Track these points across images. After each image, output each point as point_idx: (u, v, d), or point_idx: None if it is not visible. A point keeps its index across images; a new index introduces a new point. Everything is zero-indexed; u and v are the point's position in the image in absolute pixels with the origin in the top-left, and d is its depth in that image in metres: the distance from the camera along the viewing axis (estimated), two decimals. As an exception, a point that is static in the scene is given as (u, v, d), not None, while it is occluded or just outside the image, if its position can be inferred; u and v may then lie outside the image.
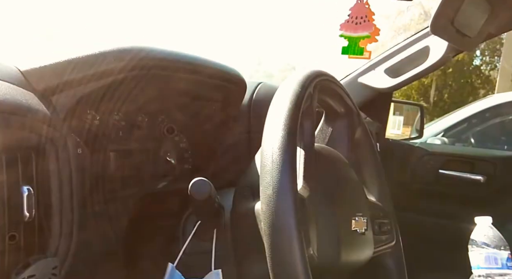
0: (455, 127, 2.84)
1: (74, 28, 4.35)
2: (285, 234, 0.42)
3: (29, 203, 0.43)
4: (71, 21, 4.53)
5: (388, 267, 0.70)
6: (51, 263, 0.44)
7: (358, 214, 0.59)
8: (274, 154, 0.46)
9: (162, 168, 0.82)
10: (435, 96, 10.66)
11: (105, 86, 0.54)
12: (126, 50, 0.55)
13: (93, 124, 0.65)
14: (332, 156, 0.63)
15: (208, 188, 0.51)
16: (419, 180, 1.46)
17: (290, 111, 0.49)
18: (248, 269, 0.57)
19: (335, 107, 0.68)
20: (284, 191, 0.44)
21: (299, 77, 0.54)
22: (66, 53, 0.51)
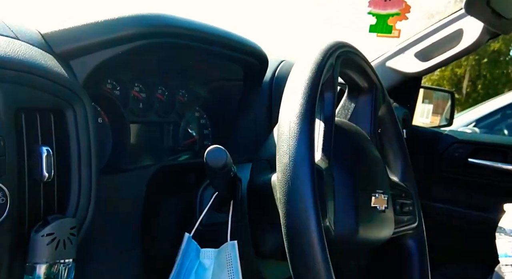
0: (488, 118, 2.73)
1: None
2: (301, 202, 0.41)
3: (48, 163, 0.44)
4: (93, -17, 4.55)
5: (409, 249, 0.67)
6: (70, 223, 0.45)
7: (379, 191, 0.57)
8: (292, 122, 0.45)
9: (182, 143, 0.82)
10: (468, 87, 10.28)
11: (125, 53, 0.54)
12: (149, 16, 0.55)
13: (113, 94, 0.66)
14: (353, 130, 0.61)
15: (224, 155, 0.51)
16: (447, 169, 1.42)
17: (310, 79, 0.48)
18: (263, 240, 0.57)
19: (358, 82, 0.66)
20: (301, 159, 0.42)
21: (321, 47, 0.52)
22: (87, 16, 0.51)
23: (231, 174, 0.54)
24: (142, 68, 0.70)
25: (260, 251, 0.58)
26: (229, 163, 0.52)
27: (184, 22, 0.59)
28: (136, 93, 0.71)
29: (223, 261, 0.54)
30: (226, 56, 0.72)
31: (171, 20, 0.57)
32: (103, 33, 0.51)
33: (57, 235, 0.43)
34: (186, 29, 0.60)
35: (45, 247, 0.42)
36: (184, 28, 0.59)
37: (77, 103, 0.48)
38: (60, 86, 0.46)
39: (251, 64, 0.80)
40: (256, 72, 0.83)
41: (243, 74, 0.83)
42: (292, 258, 0.41)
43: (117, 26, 0.52)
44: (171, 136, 0.80)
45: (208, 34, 0.64)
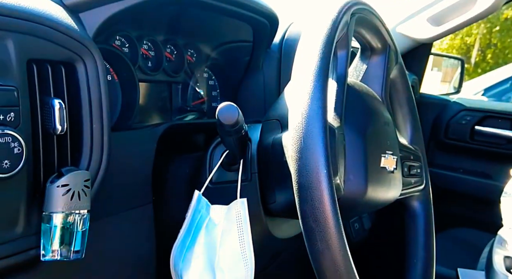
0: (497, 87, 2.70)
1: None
2: (313, 159, 0.41)
3: (61, 116, 0.44)
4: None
5: (415, 210, 0.68)
6: (84, 175, 0.45)
7: (388, 152, 0.57)
8: (305, 79, 0.44)
9: (190, 103, 0.82)
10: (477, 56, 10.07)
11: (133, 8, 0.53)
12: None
13: (122, 51, 0.65)
14: (364, 91, 0.60)
15: (236, 113, 0.50)
16: (452, 136, 1.42)
17: (325, 36, 0.46)
18: (272, 198, 0.58)
19: (371, 42, 0.64)
20: (313, 117, 0.42)
21: (336, 3, 0.51)
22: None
23: (242, 132, 0.54)
24: (151, 26, 0.68)
25: (269, 209, 0.59)
26: (241, 121, 0.52)
27: None
28: (145, 51, 0.70)
29: (232, 218, 0.55)
30: (235, 14, 0.70)
31: None
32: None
33: (71, 187, 0.44)
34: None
35: (61, 198, 0.43)
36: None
37: (87, 57, 0.47)
38: (71, 39, 0.45)
39: (261, 24, 0.78)
40: (266, 33, 0.81)
41: (252, 34, 0.81)
42: (303, 214, 0.42)
43: None
44: (179, 96, 0.80)
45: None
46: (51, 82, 0.44)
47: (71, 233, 0.44)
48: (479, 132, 1.36)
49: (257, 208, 0.59)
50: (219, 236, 0.55)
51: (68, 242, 0.44)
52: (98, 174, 0.49)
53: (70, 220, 0.44)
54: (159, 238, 0.64)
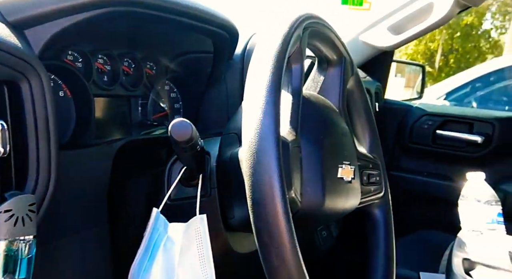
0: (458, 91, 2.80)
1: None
2: (266, 174, 0.41)
3: (3, 138, 0.42)
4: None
5: (375, 218, 0.69)
6: (28, 199, 0.43)
7: (346, 162, 0.58)
8: (257, 94, 0.44)
9: (151, 117, 0.80)
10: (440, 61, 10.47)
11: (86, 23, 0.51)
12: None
13: (74, 67, 0.63)
14: (321, 103, 0.61)
15: (189, 129, 0.50)
16: (416, 141, 1.46)
17: (276, 51, 0.47)
18: (232, 213, 0.57)
19: (327, 54, 0.65)
20: (265, 132, 0.42)
21: (288, 18, 0.51)
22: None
23: (198, 148, 0.54)
24: (105, 39, 0.67)
25: (229, 224, 0.58)
26: (195, 137, 0.51)
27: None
28: (100, 65, 0.68)
29: (192, 235, 0.54)
30: (194, 27, 0.69)
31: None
32: (59, 1, 0.48)
33: (15, 212, 0.42)
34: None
35: (3, 224, 0.41)
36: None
37: (32, 75, 0.45)
38: (14, 57, 0.43)
39: (221, 37, 0.78)
40: (227, 45, 0.81)
41: (212, 47, 0.81)
42: (257, 229, 0.42)
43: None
44: (139, 110, 0.78)
45: (174, 4, 0.62)
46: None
47: (15, 260, 0.42)
48: (440, 136, 1.40)
49: (217, 224, 0.58)
50: (177, 254, 0.54)
51: (12, 270, 0.42)
52: (46, 197, 0.47)
53: (14, 247, 0.42)
54: (116, 259, 0.62)
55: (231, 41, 0.82)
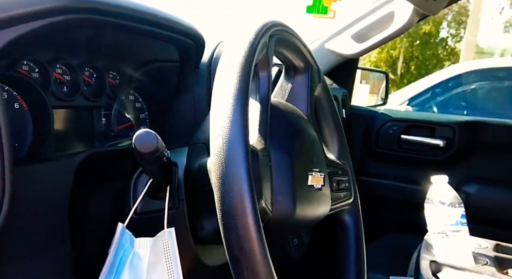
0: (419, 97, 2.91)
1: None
2: (235, 185, 0.40)
3: None
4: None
5: (346, 223, 0.70)
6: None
7: (315, 169, 0.58)
8: (224, 102, 0.43)
9: (115, 128, 0.77)
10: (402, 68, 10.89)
11: (41, 31, 0.49)
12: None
13: (31, 77, 0.60)
14: (289, 110, 0.61)
15: (155, 140, 0.48)
16: (382, 146, 1.49)
17: (243, 59, 0.46)
18: (201, 225, 0.55)
19: (294, 62, 0.65)
20: (234, 141, 0.41)
21: (253, 26, 0.51)
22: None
23: (164, 159, 0.52)
24: (64, 48, 0.64)
25: (198, 236, 0.57)
26: (161, 147, 0.49)
27: None
28: (58, 75, 0.65)
29: (159, 250, 0.52)
30: (158, 35, 0.68)
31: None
32: (12, 8, 0.46)
33: (-35, 234, 0.39)
34: (109, 4, 0.55)
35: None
36: (107, 3, 0.55)
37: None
38: None
39: (187, 45, 0.76)
40: (192, 53, 0.80)
41: (178, 56, 0.79)
42: (228, 242, 0.41)
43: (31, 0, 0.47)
44: (103, 121, 0.75)
45: (135, 11, 0.60)
46: None
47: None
48: (405, 141, 1.44)
49: (186, 237, 0.56)
50: (145, 271, 0.51)
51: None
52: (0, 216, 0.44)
53: (-37, 273, 0.38)
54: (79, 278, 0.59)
55: (197, 50, 0.80)
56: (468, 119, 1.40)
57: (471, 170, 1.37)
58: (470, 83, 2.90)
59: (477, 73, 2.87)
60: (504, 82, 2.91)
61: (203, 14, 11.06)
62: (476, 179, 1.36)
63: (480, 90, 2.93)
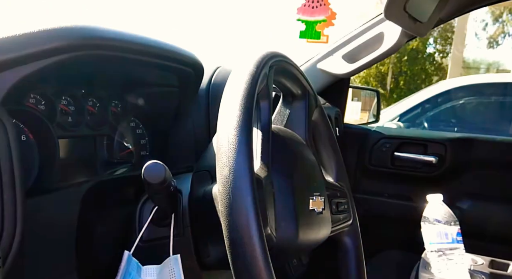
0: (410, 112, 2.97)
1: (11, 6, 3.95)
2: (242, 213, 0.42)
3: None
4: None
5: (346, 245, 0.71)
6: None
7: (316, 193, 0.60)
8: (230, 134, 0.45)
9: (117, 155, 0.79)
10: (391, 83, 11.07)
11: (48, 67, 0.51)
12: (70, 28, 0.52)
13: (37, 110, 0.61)
14: (289, 137, 0.63)
15: (163, 171, 0.50)
16: (375, 163, 1.51)
17: (246, 91, 0.48)
18: (207, 251, 0.57)
19: (292, 89, 0.68)
20: (240, 171, 0.43)
21: (254, 58, 0.54)
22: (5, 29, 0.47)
23: (171, 189, 0.53)
24: (68, 81, 0.66)
25: (204, 263, 0.58)
26: (169, 178, 0.51)
27: (111, 33, 0.57)
28: (63, 107, 0.67)
29: (166, 277, 0.53)
30: (158, 65, 0.70)
31: (96, 32, 0.55)
32: (23, 48, 0.48)
33: (-20, 269, 0.39)
34: (113, 40, 0.57)
35: (-33, 284, 0.38)
36: (111, 39, 0.57)
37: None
38: None
39: (186, 73, 0.79)
40: (191, 80, 0.82)
41: (178, 82, 0.81)
42: (236, 270, 0.42)
43: (38, 40, 0.49)
44: (105, 149, 0.77)
45: (138, 44, 0.62)
46: None
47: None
48: (398, 158, 1.47)
49: (192, 263, 0.57)
50: (152, 299, 0.52)
51: None
52: (12, 250, 0.45)
53: (-21, 308, 0.39)
54: None
55: (196, 77, 0.83)
56: (459, 136, 1.44)
57: (464, 186, 1.40)
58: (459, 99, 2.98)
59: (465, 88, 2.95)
60: (491, 97, 2.99)
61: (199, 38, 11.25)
62: (469, 195, 1.38)
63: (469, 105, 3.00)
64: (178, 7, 16.27)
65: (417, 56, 11.10)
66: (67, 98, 0.67)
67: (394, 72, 11.09)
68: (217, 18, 13.61)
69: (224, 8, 14.16)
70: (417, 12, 1.16)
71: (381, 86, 10.77)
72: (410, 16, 1.15)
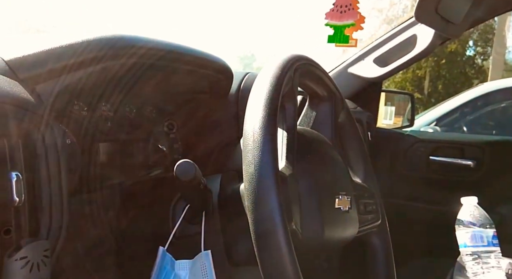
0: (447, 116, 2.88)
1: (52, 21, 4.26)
2: (267, 207, 0.44)
3: (18, 188, 0.44)
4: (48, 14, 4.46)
5: (374, 246, 0.71)
6: (43, 245, 0.45)
7: (342, 193, 0.61)
8: (255, 133, 0.47)
9: (152, 158, 0.83)
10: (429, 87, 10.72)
11: (90, 75, 0.56)
12: (110, 38, 0.56)
13: (80, 115, 0.66)
14: (314, 137, 0.64)
15: (193, 168, 0.53)
16: (410, 167, 1.49)
17: (271, 93, 0.51)
18: (236, 248, 0.59)
19: (317, 91, 0.69)
20: (265, 168, 0.45)
21: (279, 61, 0.56)
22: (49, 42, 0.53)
23: (201, 186, 0.56)
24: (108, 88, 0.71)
25: (233, 258, 0.60)
26: (198, 176, 0.54)
27: (147, 42, 0.61)
28: (103, 112, 0.72)
29: (198, 271, 0.56)
30: (192, 72, 0.74)
31: (133, 41, 0.59)
32: (68, 57, 0.53)
33: (30, 258, 0.44)
34: (149, 48, 0.61)
35: (19, 271, 0.43)
36: (148, 48, 0.61)
37: (44, 126, 0.49)
38: (27, 111, 0.47)
39: (217, 79, 0.82)
40: (222, 86, 0.86)
41: (208, 88, 0.85)
42: (262, 262, 0.44)
43: (81, 50, 0.53)
44: (141, 152, 0.81)
45: (173, 52, 0.66)
46: (8, 155, 0.45)
47: (30, 306, 0.43)
48: (434, 162, 1.43)
49: (222, 259, 0.60)
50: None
51: (28, 315, 0.43)
52: (59, 242, 0.49)
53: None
54: None
55: (226, 82, 0.86)
56: (497, 139, 1.39)
57: (503, 190, 1.34)
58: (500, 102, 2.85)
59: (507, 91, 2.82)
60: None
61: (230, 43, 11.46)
62: (509, 199, 1.33)
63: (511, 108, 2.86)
64: (180, 5, 16.59)
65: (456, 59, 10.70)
66: (106, 104, 0.72)
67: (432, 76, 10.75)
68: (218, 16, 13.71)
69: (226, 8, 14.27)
70: (450, 13, 1.14)
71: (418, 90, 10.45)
72: (443, 17, 1.13)
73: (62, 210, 0.49)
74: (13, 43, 0.55)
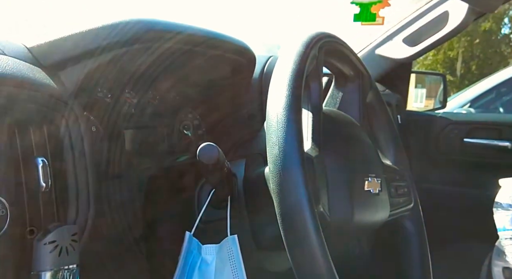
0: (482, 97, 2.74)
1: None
2: (293, 190, 0.42)
3: (45, 173, 0.45)
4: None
5: (407, 229, 0.69)
6: (71, 230, 0.46)
7: (371, 175, 0.58)
8: (279, 114, 0.46)
9: (178, 145, 0.83)
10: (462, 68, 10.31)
11: (113, 61, 0.55)
12: (131, 22, 0.55)
13: (104, 102, 0.67)
14: (341, 118, 0.62)
15: (216, 152, 0.52)
16: (443, 151, 1.43)
17: (294, 71, 0.49)
18: (262, 232, 0.58)
19: (344, 70, 0.67)
20: (290, 149, 0.43)
21: (303, 38, 0.54)
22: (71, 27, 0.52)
23: (225, 170, 0.55)
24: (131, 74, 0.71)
25: (260, 243, 0.59)
26: (222, 159, 0.53)
27: (166, 25, 0.60)
28: (128, 99, 0.72)
29: (225, 256, 0.55)
30: (213, 56, 0.73)
31: (152, 25, 0.58)
32: (88, 44, 0.52)
33: (59, 243, 0.44)
34: (170, 32, 0.60)
35: (48, 255, 0.43)
36: (168, 31, 0.60)
37: (69, 113, 0.49)
38: (51, 98, 0.47)
39: (239, 62, 0.81)
40: (244, 70, 0.84)
41: (231, 73, 0.84)
42: (289, 245, 0.43)
43: (101, 36, 0.53)
44: (165, 138, 0.81)
45: (193, 36, 0.65)
46: (33, 141, 0.46)
47: (60, 289, 0.44)
48: (468, 144, 1.37)
49: (249, 243, 0.59)
50: (212, 276, 0.55)
51: (58, 298, 0.44)
52: (86, 227, 0.49)
53: (59, 276, 0.44)
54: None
55: (248, 66, 0.84)
56: None
57: None
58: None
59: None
60: None
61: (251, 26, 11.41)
62: None
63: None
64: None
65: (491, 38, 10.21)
66: (130, 91, 0.72)
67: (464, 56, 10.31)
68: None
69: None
70: (485, -15, 1.07)
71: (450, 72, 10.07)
72: (477, -10, 1.06)
73: (89, 197, 0.50)
74: (33, 28, 0.55)
